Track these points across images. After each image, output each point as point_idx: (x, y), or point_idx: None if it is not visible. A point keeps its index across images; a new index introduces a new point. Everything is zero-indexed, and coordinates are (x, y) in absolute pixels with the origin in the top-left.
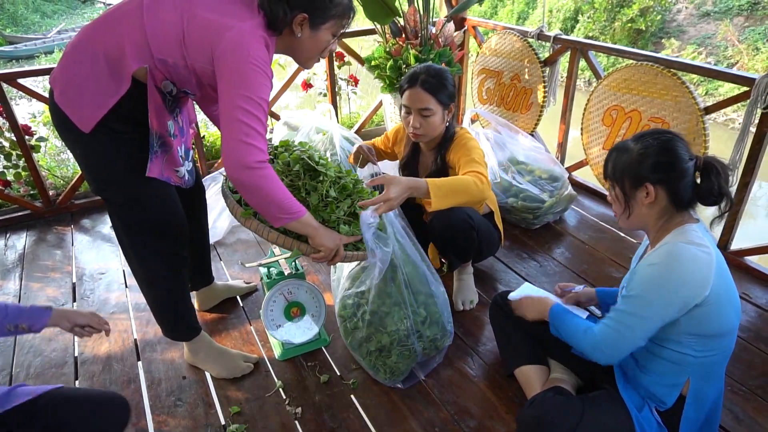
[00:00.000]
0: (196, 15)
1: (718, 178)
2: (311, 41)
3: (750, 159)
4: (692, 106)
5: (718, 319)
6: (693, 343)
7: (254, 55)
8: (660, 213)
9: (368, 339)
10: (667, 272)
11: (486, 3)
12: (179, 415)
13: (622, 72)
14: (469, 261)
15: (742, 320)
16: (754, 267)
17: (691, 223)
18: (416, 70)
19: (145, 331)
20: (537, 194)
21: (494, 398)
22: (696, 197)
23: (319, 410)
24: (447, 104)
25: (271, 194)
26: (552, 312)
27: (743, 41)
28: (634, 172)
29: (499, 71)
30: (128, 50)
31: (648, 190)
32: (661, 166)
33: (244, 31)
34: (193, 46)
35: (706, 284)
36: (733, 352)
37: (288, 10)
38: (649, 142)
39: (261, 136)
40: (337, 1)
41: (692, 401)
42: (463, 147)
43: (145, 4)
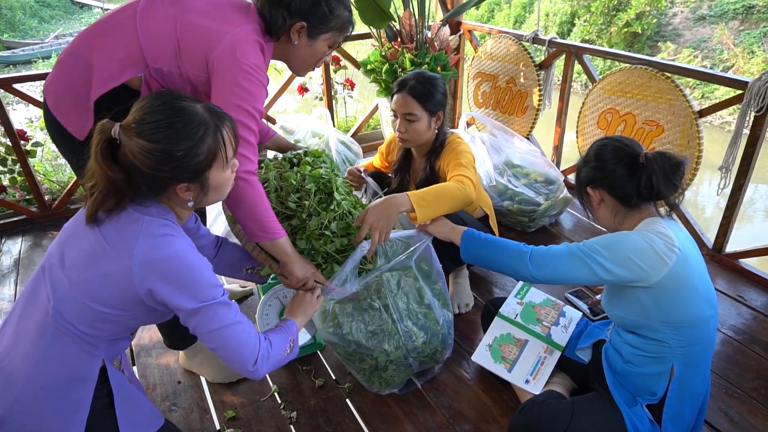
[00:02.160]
0: (190, 22)
1: (653, 172)
2: (308, 50)
3: (744, 162)
4: (686, 110)
5: (687, 308)
6: (669, 332)
7: (249, 62)
8: (613, 212)
9: (361, 360)
10: (622, 239)
11: (483, 7)
12: (174, 420)
13: (616, 75)
14: (464, 265)
15: (737, 323)
16: (749, 270)
17: (656, 216)
18: (407, 75)
19: (140, 336)
20: (532, 197)
21: (489, 402)
22: (639, 193)
23: (314, 414)
24: (434, 112)
25: (252, 207)
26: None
27: (738, 45)
28: (580, 179)
29: (495, 75)
30: (121, 59)
31: (591, 193)
32: (594, 169)
33: (239, 37)
34: (188, 54)
35: (656, 267)
36: (728, 354)
37: (288, 17)
38: (590, 149)
39: (251, 145)
40: (338, 13)
41: (676, 389)
42: (452, 153)
43: (139, 13)
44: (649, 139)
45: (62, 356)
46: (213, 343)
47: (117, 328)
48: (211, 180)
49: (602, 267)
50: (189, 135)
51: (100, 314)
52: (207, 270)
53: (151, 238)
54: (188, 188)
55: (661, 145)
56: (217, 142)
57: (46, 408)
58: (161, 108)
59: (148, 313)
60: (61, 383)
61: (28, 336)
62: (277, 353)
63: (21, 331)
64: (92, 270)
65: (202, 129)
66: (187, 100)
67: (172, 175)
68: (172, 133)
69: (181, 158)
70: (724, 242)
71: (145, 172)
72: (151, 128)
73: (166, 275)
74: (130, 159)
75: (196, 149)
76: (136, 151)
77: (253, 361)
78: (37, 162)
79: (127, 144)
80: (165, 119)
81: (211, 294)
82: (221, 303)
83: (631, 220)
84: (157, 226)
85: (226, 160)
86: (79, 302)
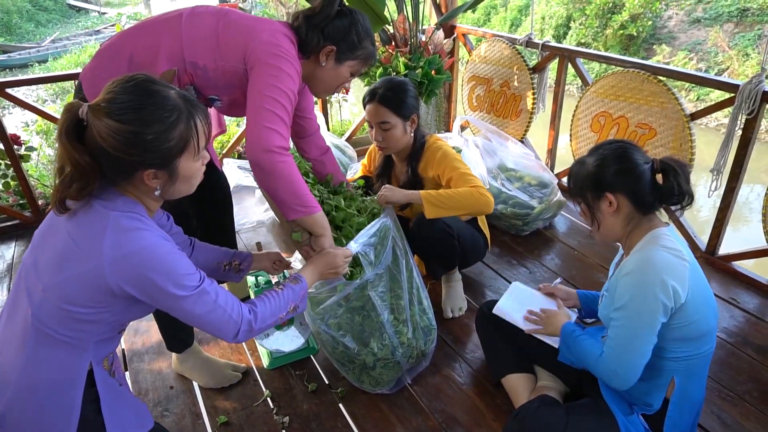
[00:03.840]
0: (231, 20)
1: (677, 177)
2: (332, 72)
3: (735, 164)
4: (678, 113)
5: (698, 322)
6: (677, 348)
7: (285, 48)
8: (626, 220)
9: (351, 361)
10: (644, 279)
11: (479, 10)
12: (166, 426)
13: (609, 79)
14: (454, 268)
15: (730, 325)
16: (741, 272)
17: (661, 228)
18: (376, 84)
19: (133, 341)
20: (526, 201)
21: (482, 406)
22: (658, 198)
23: (306, 419)
24: (407, 116)
25: (288, 182)
26: (564, 330)
27: (733, 47)
28: (594, 183)
29: (489, 78)
30: (161, 53)
31: (610, 198)
32: (618, 173)
33: (277, 31)
34: (226, 47)
35: (683, 284)
36: (721, 357)
37: (321, 39)
38: (603, 152)
39: (284, 124)
40: (365, 45)
41: (677, 401)
42: (443, 160)
43: (185, 15)
44: (642, 142)
45: (48, 361)
46: (194, 325)
47: (99, 327)
48: (180, 168)
49: (650, 326)
50: (161, 118)
51: (78, 316)
52: (181, 259)
53: (121, 234)
54: (156, 175)
55: (653, 148)
56: (189, 129)
57: (39, 413)
58: (133, 89)
59: (127, 308)
60: (50, 388)
61: (13, 343)
62: (265, 324)
63: (6, 338)
64: (64, 272)
65: (175, 114)
66: (160, 85)
67: (140, 160)
68: (144, 115)
69: (151, 142)
70: (717, 245)
71: (112, 154)
72: (122, 109)
73: (139, 270)
74: (98, 140)
75: (167, 134)
76: (105, 132)
77: (233, 336)
78: (30, 167)
79: (96, 125)
80: (136, 100)
81: (187, 283)
82: (200, 291)
83: (639, 230)
84: (125, 220)
85: (197, 149)
86: (56, 306)
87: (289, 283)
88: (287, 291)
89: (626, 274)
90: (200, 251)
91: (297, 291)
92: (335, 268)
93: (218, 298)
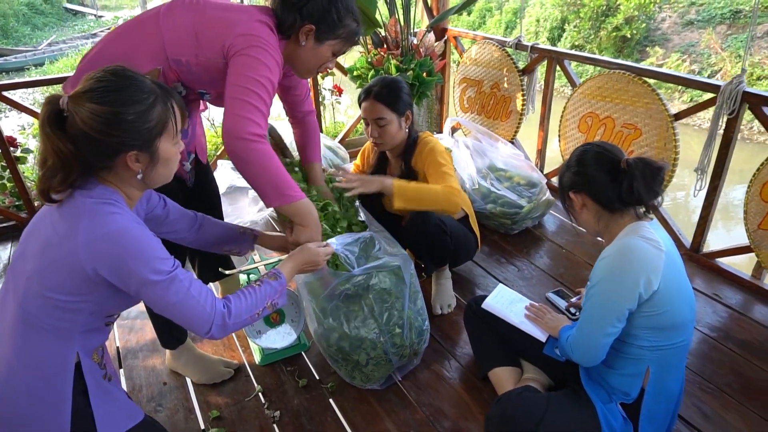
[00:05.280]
0: (208, 15)
1: (633, 179)
2: (312, 52)
3: (718, 163)
4: (662, 113)
5: (672, 312)
6: (649, 336)
7: (263, 38)
8: (595, 217)
9: (344, 358)
10: (619, 262)
11: (474, 13)
12: (159, 421)
13: (596, 80)
14: (446, 265)
15: (713, 320)
16: (725, 269)
17: (643, 221)
18: (371, 83)
19: (127, 339)
20: (515, 200)
21: (469, 399)
22: (618, 198)
23: (297, 414)
24: (402, 112)
25: (264, 168)
26: (562, 333)
27: (726, 49)
28: (562, 184)
29: (480, 80)
30: (142, 53)
31: (573, 197)
32: (575, 175)
33: (253, 20)
34: (206, 41)
35: (656, 274)
36: (703, 351)
37: (299, 18)
38: (571, 156)
39: (260, 112)
40: (346, 23)
41: (653, 391)
42: (429, 154)
43: (162, 12)
44: (628, 142)
45: (37, 352)
46: (166, 315)
47: (83, 317)
48: (161, 150)
49: (619, 308)
50: (140, 99)
51: (60, 304)
52: (154, 243)
53: (95, 218)
54: (138, 158)
55: (639, 148)
56: (167, 111)
57: (30, 403)
58: (111, 75)
59: (108, 297)
60: (40, 378)
61: (4, 334)
62: (240, 319)
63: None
64: (45, 260)
65: (153, 96)
66: (136, 73)
67: (121, 140)
68: (123, 97)
69: (132, 122)
70: (701, 242)
71: (94, 138)
72: (102, 92)
73: (112, 253)
74: (80, 126)
75: (146, 114)
76: (86, 115)
77: (206, 331)
78: (27, 168)
79: (77, 111)
80: (115, 82)
81: (160, 267)
82: (173, 277)
83: (615, 225)
84: (100, 205)
85: (175, 130)
86: (39, 294)
87: (267, 279)
88: (265, 287)
89: (603, 258)
90: (208, 228)
91: (275, 287)
92: (315, 264)
93: (191, 287)
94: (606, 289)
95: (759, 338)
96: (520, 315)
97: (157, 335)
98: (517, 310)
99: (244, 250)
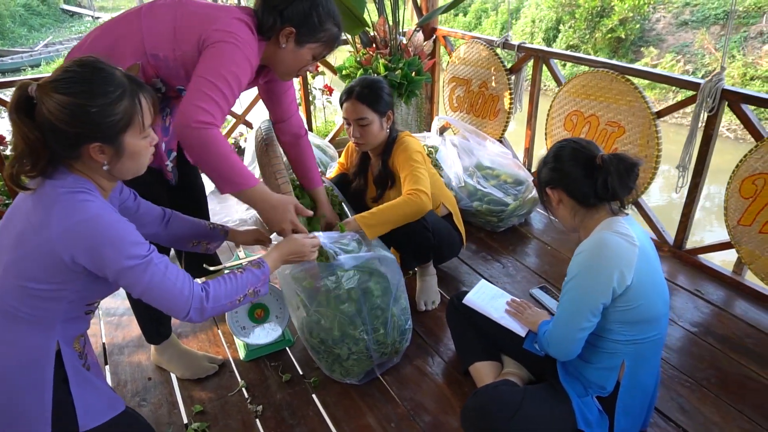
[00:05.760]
0: (187, 11)
1: (608, 175)
2: (293, 55)
3: (699, 160)
4: (645, 111)
5: (645, 306)
6: (624, 330)
7: (238, 36)
8: (571, 212)
9: (326, 350)
10: (593, 257)
11: (470, 14)
12: (143, 415)
13: (580, 78)
14: (429, 262)
15: (694, 316)
16: (708, 265)
17: (619, 216)
18: (352, 83)
19: (114, 335)
20: (501, 197)
21: (450, 394)
22: (593, 193)
23: (279, 408)
24: (383, 112)
25: (211, 156)
26: (541, 327)
27: (720, 49)
28: (539, 180)
29: (468, 79)
30: (122, 48)
31: (550, 193)
32: (551, 171)
33: (232, 18)
34: (183, 36)
35: (630, 269)
36: (683, 346)
37: (279, 21)
38: (548, 152)
39: (215, 104)
40: (327, 27)
41: (627, 384)
42: (401, 154)
43: (144, 9)
44: (612, 139)
45: (17, 341)
46: (145, 299)
47: (62, 305)
48: (126, 145)
49: (594, 302)
50: (105, 92)
51: (37, 293)
52: (128, 228)
53: (68, 206)
54: (102, 150)
55: (623, 146)
56: (134, 106)
57: (11, 393)
58: (80, 67)
59: (87, 285)
60: (20, 368)
61: None
62: (219, 303)
63: None
64: (19, 250)
65: (120, 90)
66: (107, 65)
67: (84, 132)
68: (88, 89)
69: (96, 114)
70: (684, 238)
71: (58, 127)
72: (68, 83)
73: (86, 239)
74: (45, 115)
75: (111, 108)
76: (52, 105)
77: (185, 314)
78: None
79: (44, 100)
80: (82, 74)
81: (135, 252)
82: (148, 261)
83: (591, 220)
84: (73, 194)
85: (143, 126)
86: (15, 284)
87: (250, 267)
88: (247, 274)
89: (578, 253)
90: (176, 224)
91: (257, 275)
92: (301, 255)
93: (167, 271)
94: (580, 284)
95: (738, 333)
96: (501, 310)
97: (141, 331)
98: (498, 305)
99: (214, 246)
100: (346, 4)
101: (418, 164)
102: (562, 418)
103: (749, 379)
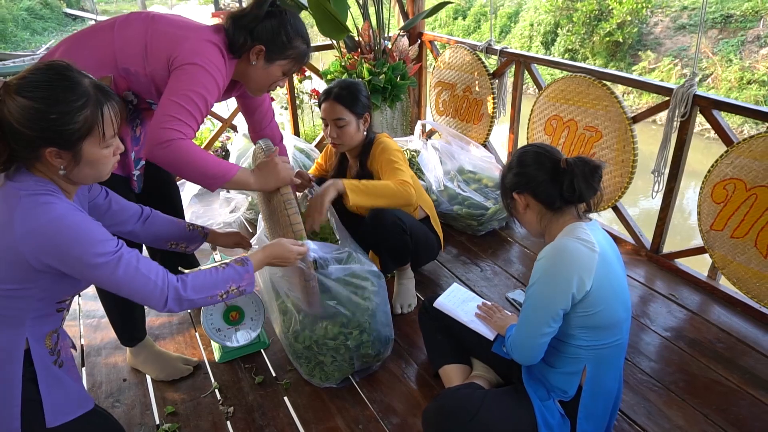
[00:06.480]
0: (159, 29)
1: (574, 177)
2: (263, 72)
3: (673, 165)
4: (621, 116)
5: (606, 311)
6: (585, 335)
7: (207, 57)
8: (538, 216)
9: (307, 357)
10: (552, 263)
11: (469, 18)
12: (115, 416)
13: (559, 83)
14: (407, 264)
15: (667, 320)
16: (683, 269)
17: (582, 222)
18: (331, 85)
19: (92, 338)
20: (481, 201)
21: (419, 396)
22: (560, 196)
23: (250, 409)
24: (361, 114)
25: (189, 166)
26: (509, 331)
27: (717, 53)
28: (505, 186)
29: (453, 83)
30: (95, 60)
31: (517, 198)
32: (516, 175)
33: (202, 39)
34: (153, 55)
35: (589, 274)
36: (654, 350)
37: (249, 39)
38: (512, 157)
39: (183, 123)
40: (295, 45)
41: (589, 389)
42: (381, 154)
43: (118, 23)
44: (590, 144)
45: None
46: (120, 294)
47: (31, 303)
48: (84, 152)
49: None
50: (67, 100)
51: (5, 293)
52: (93, 226)
53: (30, 209)
54: (59, 155)
55: (600, 150)
56: (96, 116)
57: None
58: (47, 72)
59: (55, 283)
60: None
61: None
62: (198, 295)
63: None
64: None
65: (83, 99)
66: (76, 72)
67: (41, 136)
68: (50, 95)
69: (54, 121)
70: (661, 243)
71: (16, 129)
72: (31, 86)
73: (51, 240)
74: (6, 115)
75: (70, 116)
76: (13, 107)
77: (162, 305)
78: None
79: (7, 100)
80: (46, 80)
81: (103, 249)
82: (119, 257)
83: (556, 225)
84: (34, 196)
85: (103, 136)
86: None
87: (232, 263)
88: (229, 270)
89: (539, 259)
90: (156, 223)
91: (240, 272)
92: (284, 260)
93: (139, 264)
94: (540, 290)
95: (709, 337)
96: (471, 314)
97: (116, 334)
98: (469, 309)
99: (192, 248)
100: (328, 10)
101: (400, 162)
102: (523, 422)
103: (716, 382)
